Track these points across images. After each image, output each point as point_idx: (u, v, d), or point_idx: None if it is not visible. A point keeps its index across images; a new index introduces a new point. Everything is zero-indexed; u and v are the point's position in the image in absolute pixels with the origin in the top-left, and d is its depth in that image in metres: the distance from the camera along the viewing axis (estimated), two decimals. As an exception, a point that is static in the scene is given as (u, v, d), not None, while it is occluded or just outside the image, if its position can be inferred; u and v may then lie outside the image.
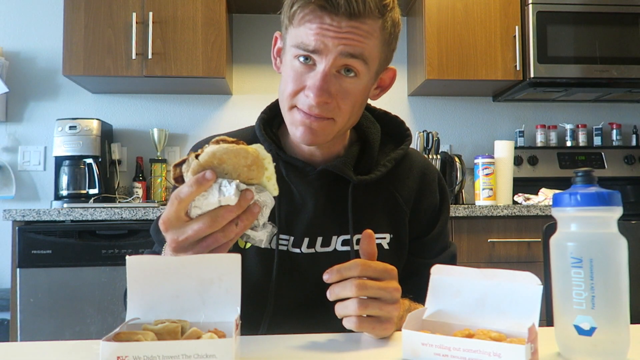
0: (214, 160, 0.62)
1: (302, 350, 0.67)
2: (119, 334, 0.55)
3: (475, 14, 2.57)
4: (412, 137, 1.00)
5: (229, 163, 0.63)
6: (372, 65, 0.84)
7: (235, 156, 0.62)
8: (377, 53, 0.83)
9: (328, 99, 0.81)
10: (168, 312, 0.61)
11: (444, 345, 0.59)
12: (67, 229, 2.08)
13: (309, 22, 0.79)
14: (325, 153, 0.93)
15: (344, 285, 0.68)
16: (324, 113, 0.82)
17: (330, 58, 0.79)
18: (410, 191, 0.97)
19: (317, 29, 0.79)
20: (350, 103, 0.83)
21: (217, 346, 0.52)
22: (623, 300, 0.60)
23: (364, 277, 0.68)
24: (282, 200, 0.92)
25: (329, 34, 0.78)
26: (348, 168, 0.91)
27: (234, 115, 2.85)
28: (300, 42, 0.80)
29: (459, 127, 2.94)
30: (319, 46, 0.79)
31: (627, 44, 2.54)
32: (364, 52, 0.80)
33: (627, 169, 2.81)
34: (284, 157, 0.92)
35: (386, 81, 0.93)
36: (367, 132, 0.97)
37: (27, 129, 2.77)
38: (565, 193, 0.63)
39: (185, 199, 0.63)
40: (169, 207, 0.64)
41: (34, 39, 2.78)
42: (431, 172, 1.01)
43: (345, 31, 0.78)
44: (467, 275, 0.66)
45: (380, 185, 0.94)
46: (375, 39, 0.81)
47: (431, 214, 0.98)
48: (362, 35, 0.79)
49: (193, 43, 2.48)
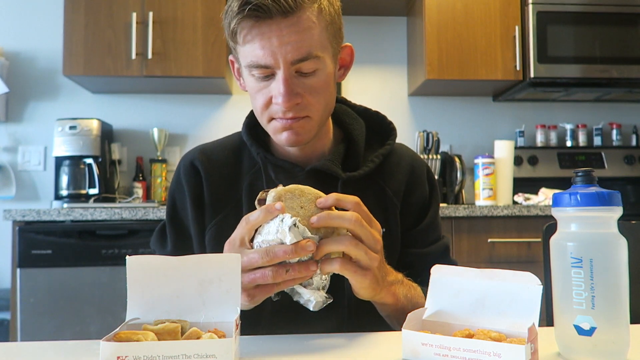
0: (295, 190, 0.67)
1: (301, 350, 0.67)
2: (119, 334, 0.55)
3: (475, 14, 2.57)
4: (396, 131, 1.01)
5: (296, 201, 0.67)
6: (326, 54, 0.84)
7: (300, 195, 0.67)
8: (325, 39, 0.84)
9: (297, 99, 0.82)
10: (168, 312, 0.61)
11: (444, 345, 0.59)
12: (67, 229, 2.08)
13: (251, 39, 0.81)
14: (309, 152, 0.94)
15: (339, 240, 0.67)
16: (298, 113, 0.84)
17: (283, 65, 0.80)
18: (399, 184, 0.98)
19: (260, 43, 0.80)
20: (320, 96, 0.85)
21: (217, 346, 0.52)
22: (623, 300, 0.60)
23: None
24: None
25: (274, 43, 0.79)
26: (336, 165, 0.92)
27: (234, 115, 2.85)
28: (250, 60, 0.82)
29: (459, 127, 2.94)
30: (268, 60, 0.80)
31: (627, 44, 2.54)
32: (312, 50, 0.81)
33: (627, 169, 2.81)
34: (272, 160, 0.93)
35: (346, 59, 0.94)
36: (351, 128, 0.98)
37: (27, 129, 2.77)
38: (565, 193, 0.63)
39: (251, 223, 0.66)
40: (237, 228, 0.68)
41: (34, 39, 2.78)
42: (419, 165, 1.02)
43: (287, 32, 0.79)
44: (467, 275, 0.66)
45: (370, 180, 0.95)
46: (317, 26, 0.82)
47: (422, 206, 0.99)
48: (304, 30, 0.80)
49: (193, 43, 2.48)
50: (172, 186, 1.00)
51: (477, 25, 2.57)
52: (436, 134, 2.67)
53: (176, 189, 0.99)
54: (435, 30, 2.56)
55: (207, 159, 0.98)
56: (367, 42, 2.93)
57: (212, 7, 2.49)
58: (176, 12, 2.48)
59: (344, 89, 2.90)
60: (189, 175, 0.97)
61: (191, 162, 0.98)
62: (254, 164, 0.96)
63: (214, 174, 0.96)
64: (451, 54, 2.55)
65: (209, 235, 0.94)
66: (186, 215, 0.97)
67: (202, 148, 1.01)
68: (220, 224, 0.94)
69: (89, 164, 2.50)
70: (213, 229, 0.94)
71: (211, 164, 0.97)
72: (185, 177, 0.97)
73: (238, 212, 0.93)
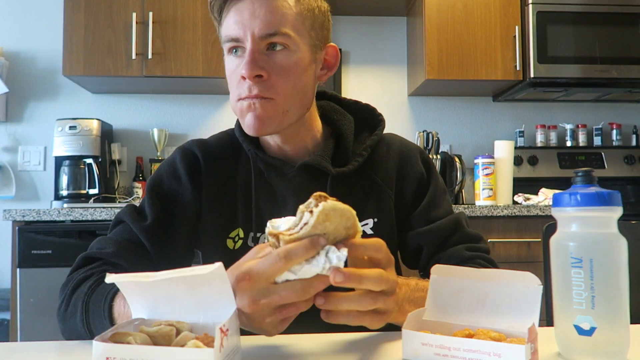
0: (323, 217, 0.56)
1: (301, 350, 0.67)
2: (115, 334, 0.55)
3: (475, 14, 2.57)
4: (384, 122, 1.00)
5: (333, 222, 0.57)
6: (299, 38, 0.84)
7: (340, 216, 0.57)
8: (300, 24, 0.85)
9: (260, 72, 0.81)
10: (169, 313, 0.60)
11: (444, 345, 0.59)
12: (67, 229, 2.08)
13: (226, 15, 0.85)
14: (295, 148, 0.94)
15: (358, 301, 0.59)
16: (262, 92, 0.82)
17: (251, 37, 0.81)
18: (390, 172, 0.97)
19: (234, 18, 0.83)
20: (286, 78, 0.84)
21: (198, 356, 0.51)
22: (623, 300, 0.60)
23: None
24: (264, 200, 0.93)
25: (245, 16, 0.82)
26: (326, 161, 0.92)
27: (234, 115, 2.83)
28: (225, 35, 0.85)
29: (459, 127, 2.94)
30: (239, 32, 0.82)
31: (627, 44, 2.54)
32: (281, 27, 0.82)
33: (627, 169, 2.81)
34: (263, 157, 0.93)
35: (331, 60, 0.93)
36: (339, 124, 0.98)
37: (27, 129, 2.77)
38: (565, 193, 0.63)
39: (295, 260, 0.56)
40: (269, 262, 0.56)
41: (34, 39, 2.78)
42: (409, 150, 1.01)
43: (258, 7, 0.81)
44: (467, 275, 0.66)
45: (359, 172, 0.95)
46: (292, 9, 0.83)
47: (417, 188, 0.98)
48: (276, 8, 0.82)
49: (193, 43, 2.48)
50: (163, 168, 0.98)
51: (477, 25, 2.57)
52: (436, 134, 2.67)
53: (167, 171, 0.97)
54: (435, 30, 2.56)
55: (206, 151, 0.97)
56: (367, 42, 2.93)
57: (212, 7, 2.49)
58: (176, 12, 2.48)
59: (344, 88, 2.90)
60: (187, 162, 0.96)
61: (191, 150, 0.97)
62: (248, 160, 0.96)
63: (211, 167, 0.96)
64: (451, 54, 2.55)
65: (205, 231, 0.94)
66: (175, 195, 0.94)
67: (199, 141, 1.00)
68: (215, 219, 0.94)
69: (89, 164, 2.50)
70: (208, 226, 0.94)
71: (210, 156, 0.97)
72: (183, 163, 0.96)
73: (233, 209, 0.94)
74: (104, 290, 0.74)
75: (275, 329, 0.61)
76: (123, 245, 0.89)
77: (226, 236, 0.93)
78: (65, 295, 0.81)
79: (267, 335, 0.62)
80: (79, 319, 0.76)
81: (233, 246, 0.93)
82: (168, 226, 0.93)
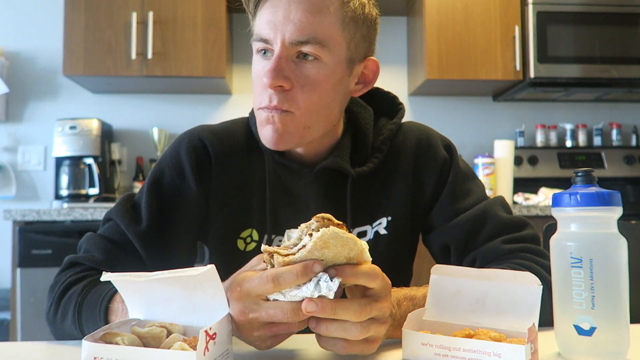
0: (321, 244, 0.54)
1: (301, 350, 0.67)
2: (106, 334, 0.56)
3: (475, 14, 2.57)
4: (404, 110, 0.94)
5: (332, 250, 0.55)
6: (335, 49, 0.76)
7: (341, 245, 0.55)
8: (339, 35, 0.76)
9: (283, 82, 0.74)
10: (164, 314, 0.60)
11: (444, 345, 0.59)
12: (67, 229, 2.08)
13: (260, 11, 0.76)
14: (314, 148, 0.86)
15: (347, 330, 0.56)
16: (281, 104, 0.75)
17: (280, 42, 0.74)
18: (406, 164, 0.90)
19: (267, 16, 0.75)
20: (311, 92, 0.76)
21: (181, 358, 0.51)
22: (623, 300, 0.60)
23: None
24: (281, 203, 0.87)
25: (278, 17, 0.74)
26: (345, 162, 0.85)
27: (234, 115, 2.79)
28: (256, 33, 0.77)
29: (459, 126, 2.94)
30: (269, 33, 0.75)
31: (627, 44, 2.54)
32: (317, 35, 0.74)
33: (627, 169, 2.81)
34: (279, 160, 0.86)
35: (369, 75, 0.86)
36: (359, 117, 0.90)
37: (27, 129, 2.77)
38: (565, 193, 0.63)
39: (283, 285, 0.54)
40: (258, 281, 0.55)
41: (34, 39, 2.78)
42: (428, 137, 0.92)
43: (294, 8, 0.73)
44: (467, 275, 0.66)
45: (377, 169, 0.89)
46: (332, 16, 0.75)
47: (439, 176, 0.89)
48: (314, 13, 0.73)
49: (193, 43, 2.48)
50: (165, 160, 0.87)
51: (477, 25, 2.57)
52: (436, 134, 2.67)
53: (170, 165, 0.87)
54: (435, 30, 2.56)
55: (218, 142, 0.88)
56: (367, 42, 2.93)
57: (212, 7, 2.49)
58: (176, 12, 2.48)
59: (344, 89, 2.90)
60: (195, 156, 0.86)
61: (200, 139, 0.87)
62: (263, 154, 0.88)
63: (224, 161, 0.87)
64: (451, 54, 2.55)
65: (214, 230, 0.87)
66: (177, 194, 0.85)
67: (210, 130, 0.89)
68: (225, 218, 0.87)
69: (89, 164, 2.50)
70: (217, 225, 0.87)
71: (222, 149, 0.87)
72: (189, 157, 0.86)
73: (246, 208, 0.87)
74: (99, 291, 0.73)
75: (264, 343, 0.60)
76: (113, 254, 0.81)
77: (237, 236, 0.87)
78: (53, 298, 0.80)
79: (256, 348, 0.61)
80: (71, 321, 0.75)
81: (244, 247, 0.87)
82: (166, 230, 0.84)
